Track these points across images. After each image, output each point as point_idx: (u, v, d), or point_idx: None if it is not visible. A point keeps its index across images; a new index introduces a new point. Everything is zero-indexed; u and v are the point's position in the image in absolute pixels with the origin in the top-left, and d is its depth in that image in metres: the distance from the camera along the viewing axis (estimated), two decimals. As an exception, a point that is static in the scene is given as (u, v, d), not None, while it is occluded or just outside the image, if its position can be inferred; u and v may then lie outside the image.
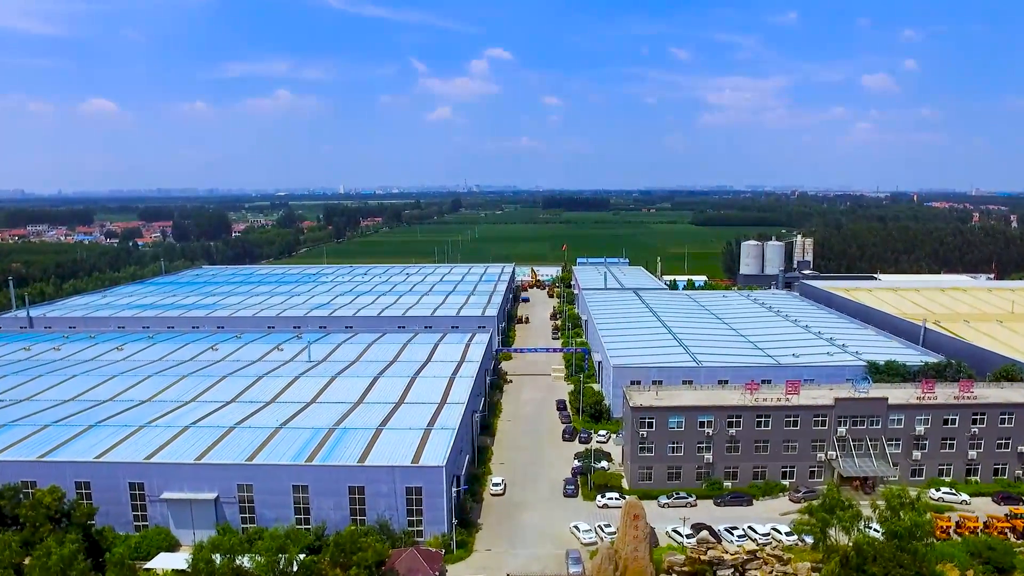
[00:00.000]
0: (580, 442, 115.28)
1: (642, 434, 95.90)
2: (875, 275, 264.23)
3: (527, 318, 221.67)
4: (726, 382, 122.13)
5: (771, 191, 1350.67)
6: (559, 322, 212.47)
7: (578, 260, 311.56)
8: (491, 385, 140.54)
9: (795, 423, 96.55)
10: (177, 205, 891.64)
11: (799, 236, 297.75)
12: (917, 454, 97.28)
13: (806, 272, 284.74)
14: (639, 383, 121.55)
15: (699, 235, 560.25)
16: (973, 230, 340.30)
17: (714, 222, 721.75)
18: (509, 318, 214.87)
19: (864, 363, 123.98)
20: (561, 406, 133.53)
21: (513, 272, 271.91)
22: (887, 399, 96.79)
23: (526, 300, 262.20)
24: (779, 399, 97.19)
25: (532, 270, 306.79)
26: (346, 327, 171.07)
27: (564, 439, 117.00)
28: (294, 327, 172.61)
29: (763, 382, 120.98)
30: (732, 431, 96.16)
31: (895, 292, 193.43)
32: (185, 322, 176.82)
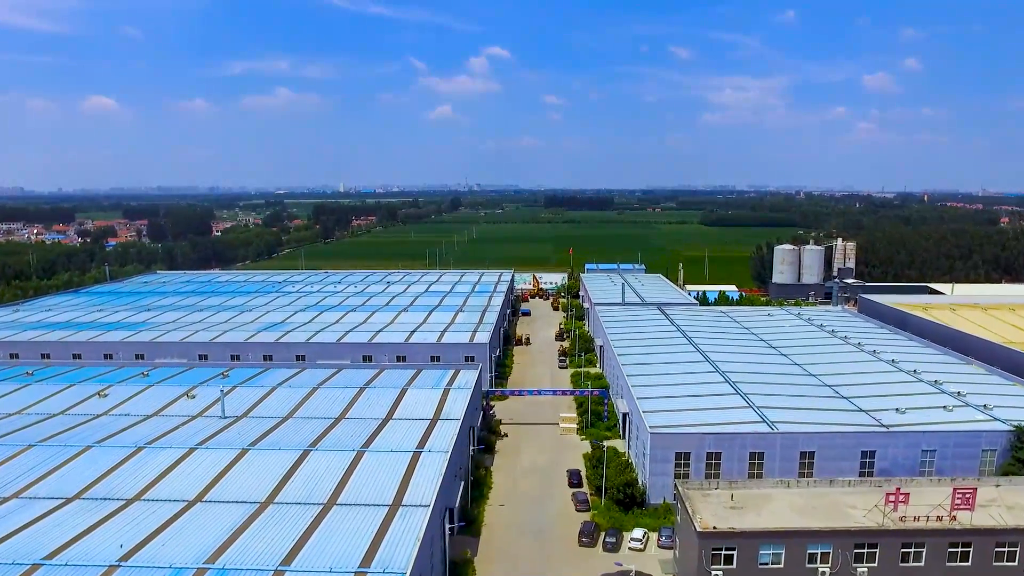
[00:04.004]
0: (605, 549, 78.38)
1: (716, 574, 58.63)
2: (931, 285, 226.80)
3: (527, 339, 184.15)
4: (811, 455, 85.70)
5: (774, 191, 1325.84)
6: (566, 344, 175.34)
7: (587, 266, 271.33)
8: (478, 446, 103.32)
9: (965, 556, 59.33)
10: (171, 203, 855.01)
11: (839, 240, 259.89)
12: None
13: (848, 281, 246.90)
14: (687, 456, 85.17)
15: (711, 236, 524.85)
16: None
17: (725, 222, 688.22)
18: (506, 339, 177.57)
19: (1010, 427, 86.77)
20: (575, 479, 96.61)
21: (512, 280, 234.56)
22: (1118, 518, 59.57)
23: (526, 314, 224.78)
24: (939, 516, 59.86)
25: (534, 277, 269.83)
26: (296, 357, 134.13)
27: (581, 543, 79.81)
28: (231, 356, 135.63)
29: (864, 455, 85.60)
30: (862, 569, 58.91)
31: (984, 311, 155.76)
32: (95, 349, 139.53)
